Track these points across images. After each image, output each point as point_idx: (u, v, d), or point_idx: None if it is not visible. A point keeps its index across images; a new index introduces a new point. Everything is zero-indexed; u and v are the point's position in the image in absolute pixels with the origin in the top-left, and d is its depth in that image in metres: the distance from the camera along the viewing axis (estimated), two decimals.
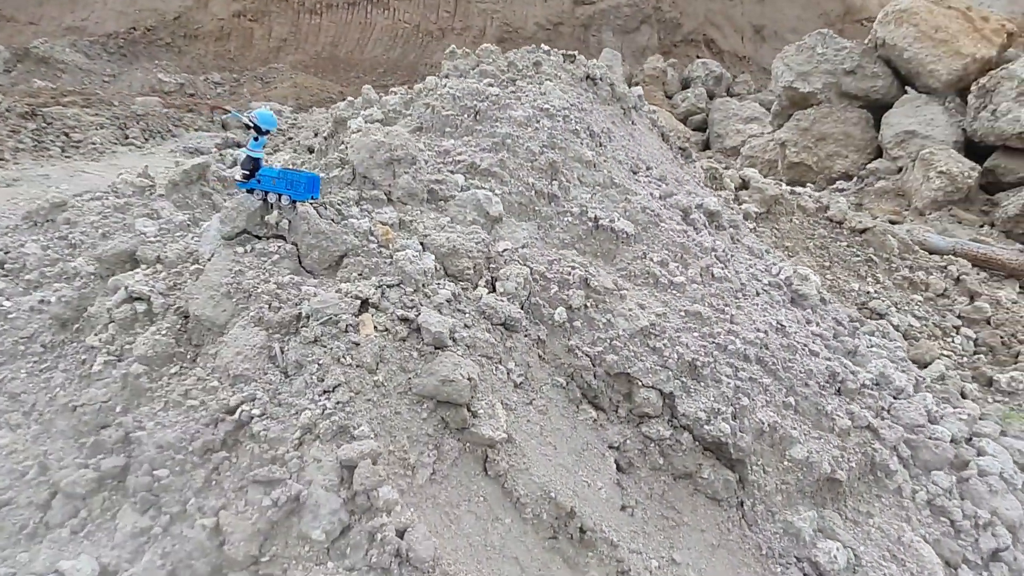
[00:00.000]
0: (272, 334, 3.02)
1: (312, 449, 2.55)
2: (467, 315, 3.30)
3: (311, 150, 7.23)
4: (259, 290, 3.14)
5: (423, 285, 3.27)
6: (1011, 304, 8.33)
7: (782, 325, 4.51)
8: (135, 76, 25.44)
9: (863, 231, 8.45)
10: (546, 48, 6.51)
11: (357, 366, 2.85)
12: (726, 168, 9.94)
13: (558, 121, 4.96)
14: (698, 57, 34.99)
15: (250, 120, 3.34)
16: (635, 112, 6.80)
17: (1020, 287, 9.10)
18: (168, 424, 2.82)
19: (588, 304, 3.73)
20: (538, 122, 4.82)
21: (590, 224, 4.35)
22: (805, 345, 4.51)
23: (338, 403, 2.67)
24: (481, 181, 4.23)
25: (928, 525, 3.98)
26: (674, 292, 4.24)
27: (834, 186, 14.75)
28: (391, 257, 3.39)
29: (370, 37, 39.48)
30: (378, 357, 2.91)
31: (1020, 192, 11.82)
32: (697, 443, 3.59)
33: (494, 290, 3.56)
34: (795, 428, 3.81)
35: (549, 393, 3.49)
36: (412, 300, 3.19)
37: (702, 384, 3.72)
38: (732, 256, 5.23)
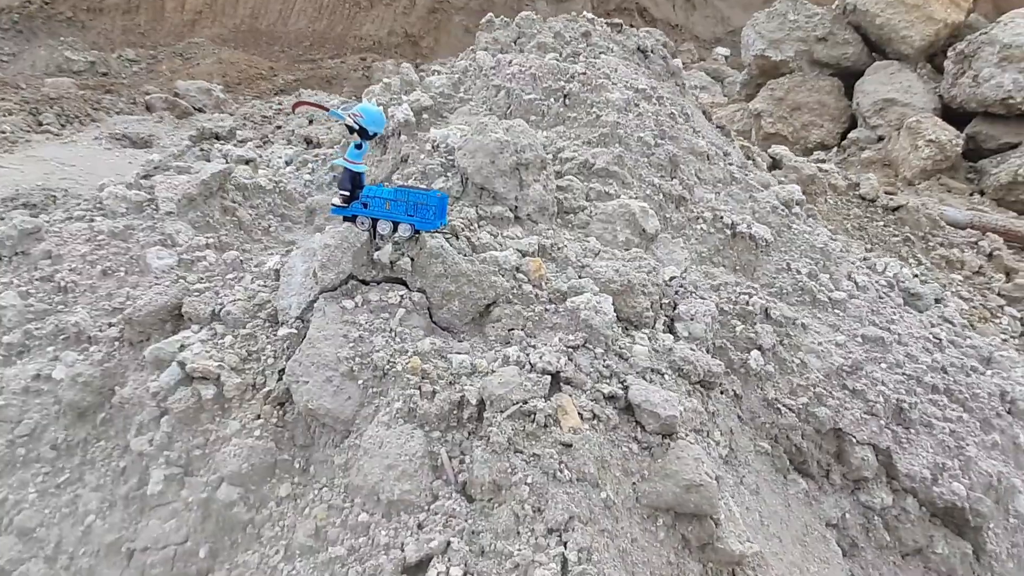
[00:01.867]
0: (430, 433, 2.10)
1: None
2: (665, 377, 2.45)
3: (309, 141, 6.11)
4: (397, 367, 2.20)
5: (612, 341, 2.40)
6: None
7: (939, 339, 3.87)
8: (38, 55, 22.75)
9: (896, 209, 8.00)
10: (589, 15, 5.61)
11: (579, 480, 1.97)
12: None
13: (654, 104, 4.12)
14: (631, 26, 34.46)
15: (354, 121, 2.35)
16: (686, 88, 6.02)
17: None
18: None
19: (776, 342, 2.95)
20: (637, 106, 3.95)
21: (727, 232, 3.56)
22: (963, 360, 3.88)
23: (581, 550, 1.79)
24: (601, 184, 3.35)
25: None
26: (836, 311, 3.51)
27: (812, 157, 14.46)
28: (553, 303, 2.50)
29: (293, 8, 37.00)
30: (600, 462, 2.04)
31: (1008, 159, 11.74)
32: (923, 509, 2.89)
33: (672, 333, 2.73)
34: (1011, 474, 3.17)
35: (755, 464, 2.70)
36: (608, 366, 2.31)
37: (913, 431, 3.02)
38: (844, 255, 4.55)
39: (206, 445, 2.29)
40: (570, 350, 2.28)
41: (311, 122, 6.37)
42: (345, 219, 2.51)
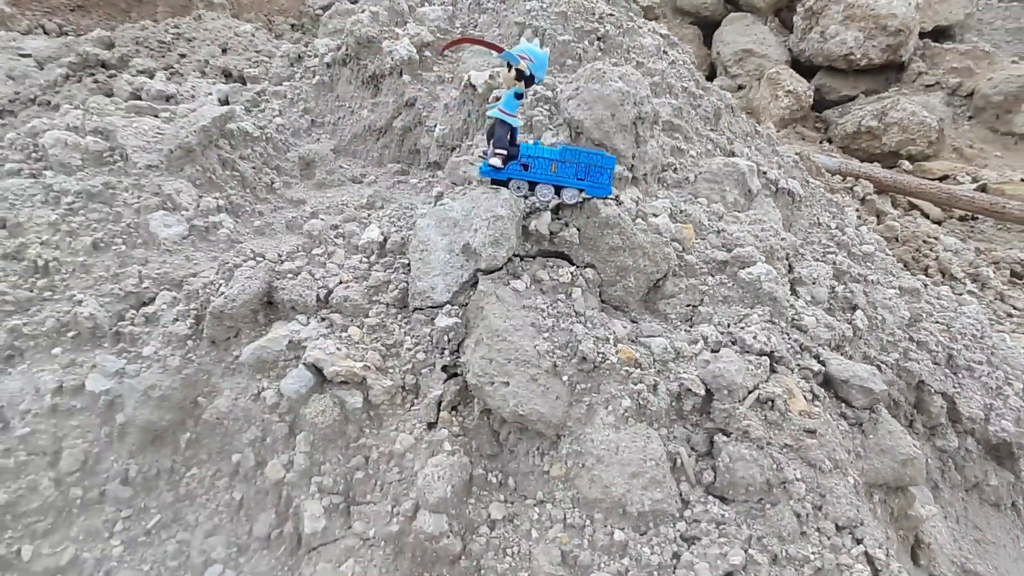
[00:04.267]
0: (658, 429, 1.86)
1: None
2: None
3: (229, 74, 5.18)
4: (609, 358, 1.91)
5: (784, 311, 2.27)
6: (903, 219, 9.17)
7: (924, 284, 4.20)
8: None
9: None
10: None
11: (835, 469, 1.85)
12: None
13: (679, 51, 3.95)
14: None
15: (526, 64, 1.95)
16: None
17: (892, 203, 10.09)
18: None
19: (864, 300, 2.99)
20: (667, 53, 3.76)
21: (772, 187, 3.54)
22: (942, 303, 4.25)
23: (880, 546, 1.69)
24: (669, 139, 3.15)
25: None
26: (868, 264, 3.66)
27: None
28: (712, 274, 2.31)
29: None
30: (837, 445, 1.93)
31: (851, 110, 13.04)
32: (980, 447, 3.15)
33: (796, 296, 2.66)
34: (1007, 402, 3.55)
35: None
36: (797, 340, 2.19)
37: (961, 376, 3.25)
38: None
39: (368, 465, 1.87)
40: (764, 326, 2.13)
41: (225, 51, 5.36)
42: (494, 182, 2.10)
